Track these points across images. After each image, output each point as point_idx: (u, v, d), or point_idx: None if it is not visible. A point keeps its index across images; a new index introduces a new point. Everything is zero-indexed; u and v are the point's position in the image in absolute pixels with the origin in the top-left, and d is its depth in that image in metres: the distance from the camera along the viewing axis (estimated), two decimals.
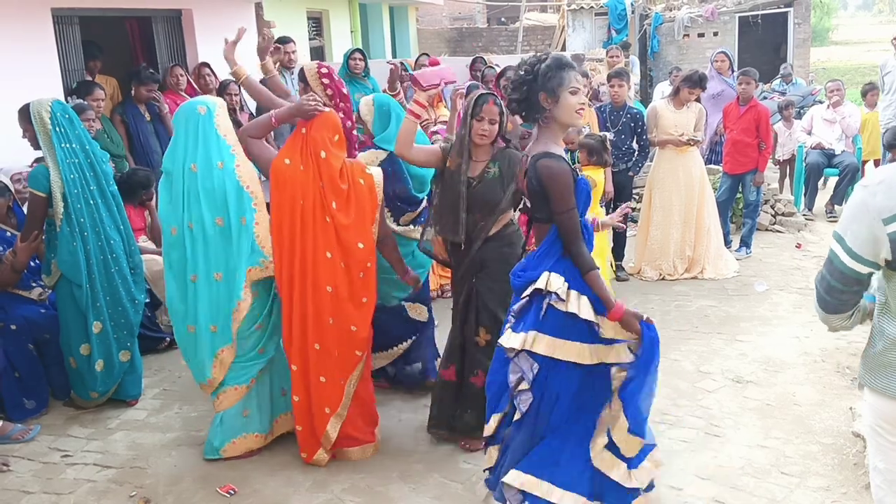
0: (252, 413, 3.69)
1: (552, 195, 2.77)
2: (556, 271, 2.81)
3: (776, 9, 14.25)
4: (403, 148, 3.59)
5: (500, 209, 3.52)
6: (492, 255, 3.55)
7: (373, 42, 14.33)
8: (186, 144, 3.46)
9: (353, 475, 3.57)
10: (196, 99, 3.65)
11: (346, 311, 3.54)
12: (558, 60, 2.82)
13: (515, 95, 2.88)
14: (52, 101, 4.04)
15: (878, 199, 1.95)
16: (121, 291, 4.22)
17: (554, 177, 2.75)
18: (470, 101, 3.53)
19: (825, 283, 2.14)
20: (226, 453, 3.66)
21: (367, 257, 3.57)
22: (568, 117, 2.84)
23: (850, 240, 2.02)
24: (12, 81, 5.42)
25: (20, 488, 3.58)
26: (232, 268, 3.47)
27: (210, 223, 3.43)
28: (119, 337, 4.26)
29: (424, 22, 21.08)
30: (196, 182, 3.42)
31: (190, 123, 3.47)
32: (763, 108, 6.81)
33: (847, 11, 58.68)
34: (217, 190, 3.42)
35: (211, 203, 3.42)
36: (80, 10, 6.46)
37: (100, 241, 4.13)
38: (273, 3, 9.71)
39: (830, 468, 3.51)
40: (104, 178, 4.18)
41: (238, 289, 3.47)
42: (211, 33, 7.94)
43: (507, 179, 3.50)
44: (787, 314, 5.41)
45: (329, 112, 3.53)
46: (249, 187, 3.49)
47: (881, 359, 2.08)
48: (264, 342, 3.66)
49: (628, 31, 14.46)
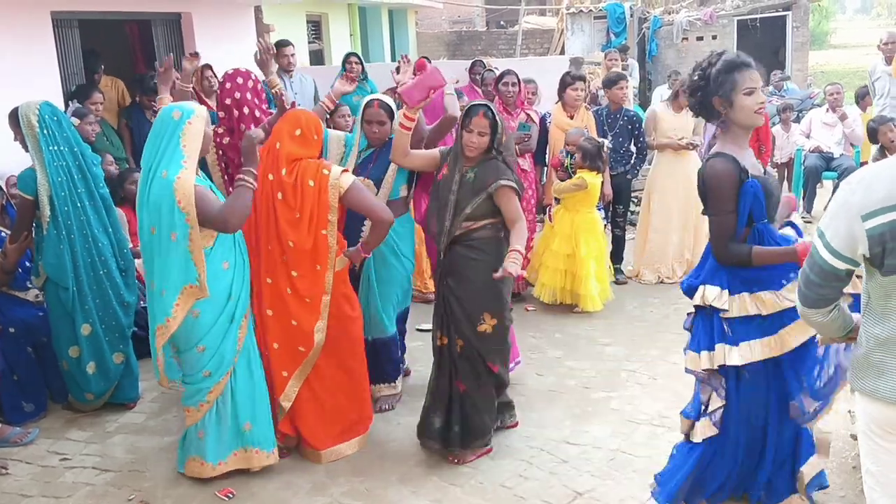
0: (206, 438, 3.48)
1: (708, 195, 2.79)
2: (711, 282, 2.82)
3: (775, 12, 14.27)
4: (399, 157, 3.73)
5: (465, 213, 3.50)
6: (457, 259, 3.56)
7: (372, 46, 14.35)
8: (155, 147, 3.31)
9: (352, 478, 3.57)
10: (179, 103, 3.51)
11: (284, 304, 3.58)
12: (729, 63, 2.75)
13: (692, 101, 2.88)
14: (41, 104, 4.03)
15: (857, 196, 1.98)
16: (110, 294, 4.20)
17: (713, 177, 2.76)
18: (463, 112, 3.55)
19: (804, 277, 2.18)
20: (186, 471, 3.56)
21: (300, 257, 3.56)
22: (747, 119, 2.78)
23: (829, 236, 2.06)
24: (12, 85, 5.42)
25: (19, 492, 3.57)
26: (159, 282, 3.29)
27: (147, 230, 3.31)
28: (111, 339, 4.24)
29: (424, 25, 21.11)
30: (149, 187, 3.28)
31: (163, 127, 3.32)
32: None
33: (845, 15, 58.78)
34: (154, 197, 3.24)
35: (151, 209, 3.26)
36: (80, 13, 6.47)
37: (87, 244, 4.11)
38: (272, 6, 9.72)
39: (829, 471, 3.49)
40: (94, 181, 4.16)
41: (167, 305, 3.28)
42: (210, 37, 7.95)
43: (477, 187, 3.49)
44: None
45: (300, 110, 3.76)
46: (182, 202, 3.20)
47: (867, 360, 2.08)
48: (209, 364, 3.40)
49: (627, 35, 14.48)
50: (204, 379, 3.43)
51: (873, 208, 1.95)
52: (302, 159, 3.59)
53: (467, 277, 3.54)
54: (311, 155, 3.64)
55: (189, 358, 3.42)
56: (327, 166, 3.60)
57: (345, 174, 3.61)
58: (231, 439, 3.52)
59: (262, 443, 3.55)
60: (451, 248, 3.57)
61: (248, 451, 3.55)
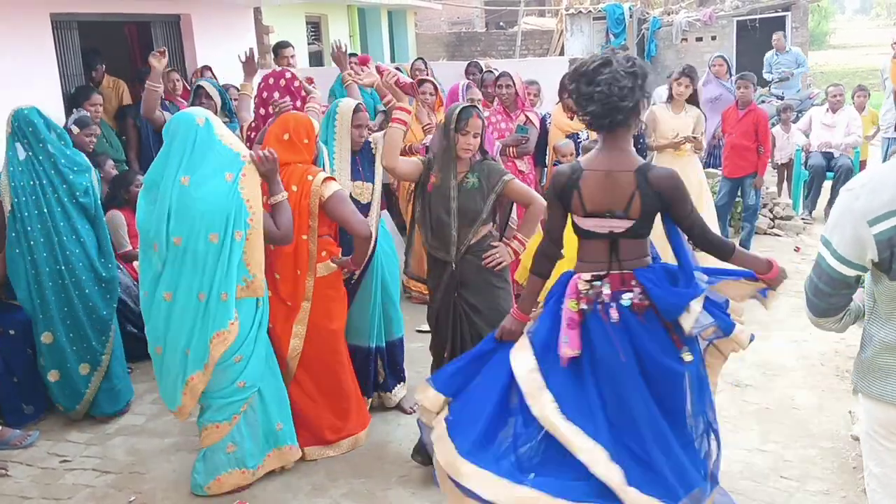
0: (238, 448, 3.44)
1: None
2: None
3: (774, 13, 14.28)
4: (390, 159, 3.48)
5: (481, 219, 3.40)
6: (470, 269, 3.42)
7: (371, 46, 14.36)
8: (182, 156, 3.25)
9: (352, 480, 3.57)
10: (191, 109, 3.51)
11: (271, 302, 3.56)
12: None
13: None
14: (19, 108, 3.98)
15: (861, 202, 1.97)
16: (77, 305, 4.09)
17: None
18: (451, 114, 3.39)
19: (813, 286, 2.16)
20: (210, 490, 3.44)
21: (282, 260, 3.58)
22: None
23: (836, 243, 2.05)
24: (11, 87, 5.42)
25: (19, 494, 3.57)
26: (219, 288, 3.24)
27: (203, 239, 3.21)
28: (78, 350, 4.13)
29: (423, 26, 21.12)
30: (187, 196, 3.21)
31: (187, 135, 3.28)
32: (762, 112, 6.83)
33: (845, 15, 58.77)
34: (217, 203, 3.22)
35: (208, 218, 3.21)
36: (80, 15, 6.47)
37: (52, 251, 4.02)
38: (272, 7, 9.72)
39: (829, 472, 3.51)
40: (74, 189, 4.05)
41: (228, 309, 3.25)
42: (210, 38, 7.95)
43: (487, 189, 3.40)
44: (785, 318, 5.40)
45: (292, 113, 3.76)
46: (249, 201, 3.30)
47: (872, 363, 2.09)
48: (245, 374, 3.37)
49: (626, 36, 14.50)
50: (238, 390, 3.37)
51: (879, 213, 1.94)
52: (291, 164, 3.57)
53: (484, 285, 3.43)
54: (301, 159, 3.62)
55: (225, 370, 3.34)
56: (313, 172, 3.58)
57: (329, 182, 3.58)
58: (265, 441, 3.51)
59: (291, 438, 3.58)
60: (464, 257, 3.43)
61: (281, 450, 3.56)
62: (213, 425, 3.40)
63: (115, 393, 4.30)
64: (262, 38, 9.36)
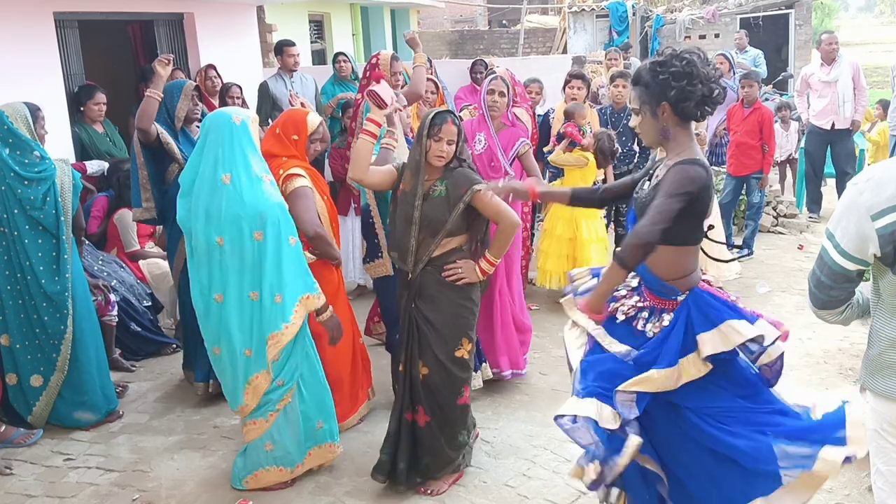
0: (277, 446, 3.43)
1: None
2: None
3: (777, 10, 14.24)
4: (358, 172, 3.35)
5: (445, 230, 3.26)
6: (430, 281, 3.31)
7: (374, 45, 14.34)
8: (218, 154, 3.24)
9: (355, 478, 3.57)
10: (227, 109, 3.52)
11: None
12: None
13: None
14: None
15: (866, 196, 1.97)
16: (31, 315, 3.99)
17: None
18: (425, 119, 3.27)
19: (815, 278, 2.17)
20: (248, 485, 3.46)
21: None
22: None
23: (839, 237, 2.05)
24: (14, 86, 5.42)
25: (23, 492, 3.58)
26: (273, 289, 3.23)
27: (248, 237, 3.20)
28: (32, 359, 4.04)
29: (426, 24, 21.12)
30: (230, 194, 3.20)
31: (223, 132, 3.26)
32: (767, 111, 6.82)
33: (848, 13, 58.70)
34: (258, 203, 3.20)
35: (252, 216, 3.20)
36: (83, 14, 6.48)
37: (9, 259, 3.92)
38: (275, 6, 9.73)
39: None
40: (23, 203, 3.87)
41: (287, 311, 3.25)
42: (213, 37, 7.96)
43: (453, 199, 3.26)
44: (789, 316, 5.40)
45: (292, 110, 3.97)
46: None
47: (879, 360, 2.08)
48: (283, 373, 3.36)
49: (629, 34, 14.44)
50: (276, 388, 3.36)
51: (882, 207, 1.94)
52: (278, 157, 3.59)
53: (444, 300, 3.31)
54: (288, 154, 3.63)
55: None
56: (288, 167, 3.57)
57: (295, 178, 3.54)
58: (305, 439, 3.48)
59: (333, 435, 3.56)
60: (424, 269, 3.31)
61: (322, 448, 3.54)
62: (251, 422, 3.41)
63: (87, 406, 4.16)
64: (265, 36, 9.36)
